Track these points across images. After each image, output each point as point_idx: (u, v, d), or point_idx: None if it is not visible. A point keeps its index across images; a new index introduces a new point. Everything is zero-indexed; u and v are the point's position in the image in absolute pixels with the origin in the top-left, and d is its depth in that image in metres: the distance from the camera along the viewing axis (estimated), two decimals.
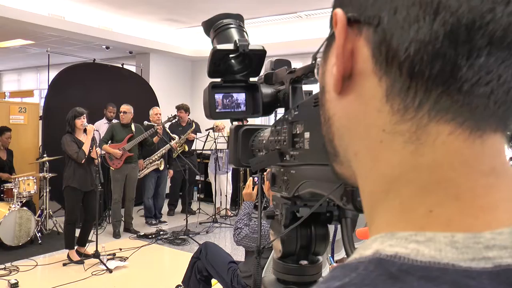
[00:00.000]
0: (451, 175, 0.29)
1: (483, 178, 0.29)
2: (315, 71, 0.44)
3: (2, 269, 4.77)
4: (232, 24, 0.85)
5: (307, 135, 0.59)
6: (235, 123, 0.87)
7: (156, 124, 6.43)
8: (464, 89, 0.28)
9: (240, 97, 0.85)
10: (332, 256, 3.24)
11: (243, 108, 0.85)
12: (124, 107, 6.23)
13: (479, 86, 0.28)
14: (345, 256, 3.43)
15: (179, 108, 7.38)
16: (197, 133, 7.39)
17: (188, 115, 7.43)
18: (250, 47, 0.80)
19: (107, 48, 9.02)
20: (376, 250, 0.29)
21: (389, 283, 0.27)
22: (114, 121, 6.82)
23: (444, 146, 0.29)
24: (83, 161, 4.97)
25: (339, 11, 0.32)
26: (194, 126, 7.29)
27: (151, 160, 6.71)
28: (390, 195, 0.31)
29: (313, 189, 0.60)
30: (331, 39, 0.36)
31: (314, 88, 0.79)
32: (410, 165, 0.30)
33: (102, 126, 6.58)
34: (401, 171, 0.31)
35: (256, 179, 3.13)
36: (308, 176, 0.61)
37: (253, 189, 3.07)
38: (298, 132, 0.63)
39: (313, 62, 0.47)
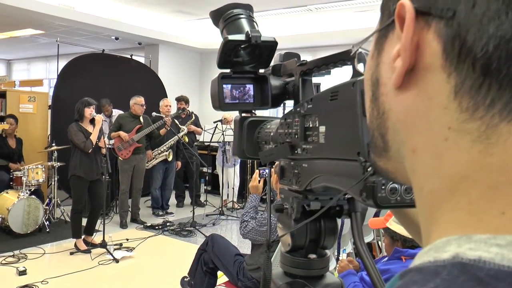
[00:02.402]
0: None
1: None
2: (355, 61, 0.42)
3: (10, 256, 4.83)
4: (242, 14, 0.84)
5: (322, 129, 0.58)
6: (243, 114, 0.86)
7: (164, 116, 6.45)
8: None
9: (249, 88, 0.84)
10: (338, 251, 3.24)
11: (251, 99, 0.84)
12: (142, 100, 6.24)
13: None
14: (351, 250, 3.41)
15: (179, 99, 7.38)
16: (197, 125, 7.41)
17: (188, 106, 7.42)
18: (262, 38, 0.78)
19: (116, 39, 9.03)
20: (455, 254, 0.28)
21: None
22: (118, 111, 6.82)
23: None
24: (90, 151, 4.99)
25: (407, 2, 0.31)
26: (193, 117, 7.29)
27: (160, 151, 6.73)
28: (457, 194, 0.30)
29: (328, 183, 0.59)
30: (387, 29, 0.35)
31: (322, 81, 0.78)
32: (479, 165, 0.29)
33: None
34: (468, 170, 0.29)
35: (265, 172, 3.12)
36: (322, 170, 0.60)
37: (259, 182, 3.07)
38: (311, 125, 0.62)
39: (353, 52, 0.45)
